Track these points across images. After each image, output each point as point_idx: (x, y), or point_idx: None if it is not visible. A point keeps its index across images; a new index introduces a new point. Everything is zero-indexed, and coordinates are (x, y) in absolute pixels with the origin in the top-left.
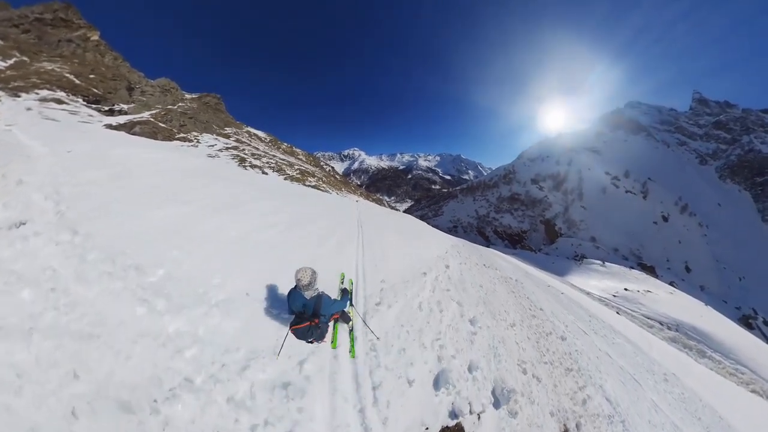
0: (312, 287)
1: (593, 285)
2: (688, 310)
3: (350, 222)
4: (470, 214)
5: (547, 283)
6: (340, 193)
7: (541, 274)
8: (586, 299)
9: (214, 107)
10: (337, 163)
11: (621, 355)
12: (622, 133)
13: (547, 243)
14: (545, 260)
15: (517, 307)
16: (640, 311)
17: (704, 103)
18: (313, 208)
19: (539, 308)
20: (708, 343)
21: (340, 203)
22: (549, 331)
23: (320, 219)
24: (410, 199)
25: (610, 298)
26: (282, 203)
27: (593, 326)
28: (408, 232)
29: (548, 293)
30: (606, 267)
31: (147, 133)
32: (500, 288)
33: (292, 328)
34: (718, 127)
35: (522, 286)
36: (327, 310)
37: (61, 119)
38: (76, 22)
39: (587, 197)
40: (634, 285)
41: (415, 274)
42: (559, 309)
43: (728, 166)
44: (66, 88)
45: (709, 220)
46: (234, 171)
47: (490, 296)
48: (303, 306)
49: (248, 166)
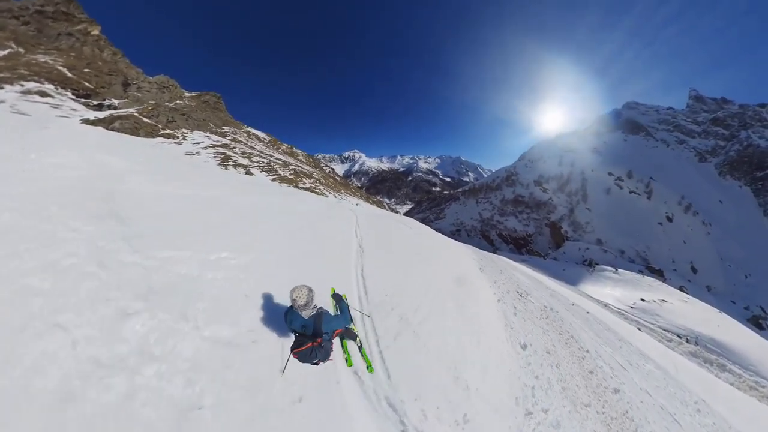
0: (310, 306)
1: (608, 294)
2: (705, 319)
3: (345, 243)
4: (473, 217)
5: (570, 299)
6: (339, 195)
7: (558, 286)
8: (609, 315)
9: (213, 106)
10: (338, 165)
11: (657, 389)
12: (621, 133)
13: (553, 247)
14: (556, 267)
15: (573, 360)
16: (657, 323)
17: (701, 100)
18: (290, 219)
19: (586, 350)
20: (727, 356)
21: (332, 210)
22: (605, 386)
23: (296, 240)
24: (410, 201)
25: (628, 310)
26: (249, 222)
27: (625, 353)
28: (439, 261)
29: (578, 317)
30: (619, 274)
31: (128, 128)
32: (559, 346)
33: (294, 351)
34: (715, 123)
35: (561, 319)
36: (329, 327)
37: (35, 113)
38: (77, 16)
39: (592, 199)
40: (649, 294)
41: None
42: (596, 341)
43: (727, 163)
44: (55, 80)
45: (711, 217)
46: (202, 169)
47: (560, 363)
48: (302, 327)
49: (232, 165)
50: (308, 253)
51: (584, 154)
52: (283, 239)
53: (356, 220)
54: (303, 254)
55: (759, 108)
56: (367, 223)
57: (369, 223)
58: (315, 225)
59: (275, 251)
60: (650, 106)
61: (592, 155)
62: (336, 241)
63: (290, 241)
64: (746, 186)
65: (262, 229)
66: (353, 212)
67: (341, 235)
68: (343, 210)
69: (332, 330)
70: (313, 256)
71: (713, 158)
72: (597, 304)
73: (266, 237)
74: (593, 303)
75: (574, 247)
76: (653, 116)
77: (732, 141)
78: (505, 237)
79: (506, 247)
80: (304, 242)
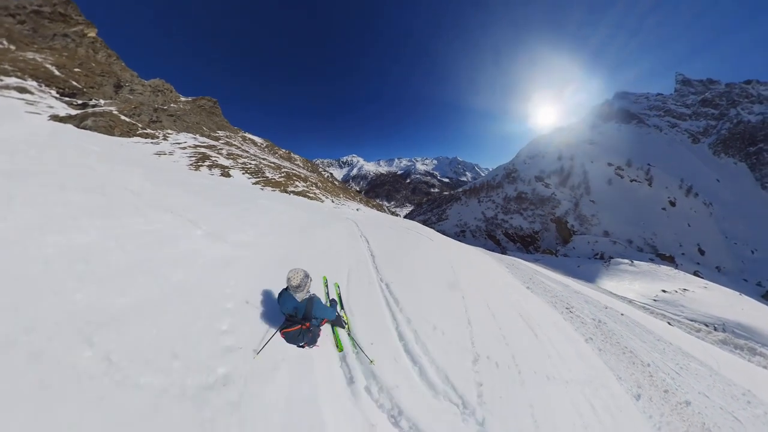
0: (303, 289)
1: (627, 288)
2: (728, 305)
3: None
4: (477, 217)
5: (600, 301)
6: (338, 199)
7: (581, 286)
8: (638, 313)
9: (208, 111)
10: (336, 170)
11: (710, 389)
12: (614, 123)
13: (561, 242)
14: (570, 264)
15: (651, 386)
16: (683, 314)
17: (688, 83)
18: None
19: (647, 364)
20: (755, 339)
21: (323, 219)
22: (678, 401)
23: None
24: (410, 203)
25: (652, 304)
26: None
27: (670, 356)
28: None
29: (619, 322)
30: (635, 266)
31: (101, 127)
32: (639, 374)
33: (282, 331)
34: (704, 104)
35: (612, 332)
36: (319, 313)
37: (1, 108)
38: (74, 18)
39: (594, 191)
40: (668, 284)
41: None
42: (645, 349)
43: (720, 141)
44: (40, 78)
45: (711, 197)
46: (155, 172)
47: (651, 397)
48: (294, 309)
49: (208, 166)
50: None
51: (582, 147)
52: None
53: (359, 232)
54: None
55: (745, 85)
56: (374, 235)
57: (377, 237)
58: (287, 258)
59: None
60: (640, 94)
61: (589, 147)
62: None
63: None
64: (741, 162)
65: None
66: (355, 223)
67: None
68: (338, 222)
69: (321, 317)
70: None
71: (706, 138)
72: (621, 301)
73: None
74: (618, 300)
75: (582, 241)
76: (644, 104)
77: (722, 120)
78: (512, 236)
79: (513, 246)
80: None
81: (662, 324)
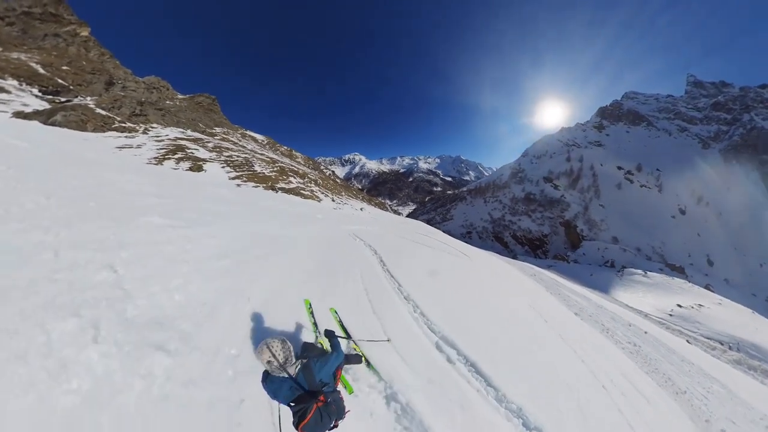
0: (291, 361)
1: (641, 300)
2: (741, 323)
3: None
4: (484, 218)
5: (625, 319)
6: (340, 198)
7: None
8: (657, 329)
9: (206, 107)
10: (338, 168)
11: (733, 414)
12: (623, 124)
13: (569, 247)
14: (583, 272)
15: (696, 419)
16: (699, 331)
17: (699, 85)
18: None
19: (683, 391)
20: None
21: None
22: (716, 430)
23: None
24: (412, 202)
25: (668, 318)
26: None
27: (696, 378)
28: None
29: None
30: (649, 277)
31: (72, 122)
32: (686, 407)
33: (299, 427)
34: (716, 108)
35: (648, 357)
36: (326, 373)
37: None
38: (66, 18)
39: (604, 195)
40: (683, 298)
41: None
42: (675, 372)
43: (732, 147)
44: (23, 76)
45: (719, 206)
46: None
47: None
48: (293, 389)
49: (177, 159)
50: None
51: (590, 148)
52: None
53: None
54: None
55: (760, 89)
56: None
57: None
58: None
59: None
60: (649, 95)
61: (598, 149)
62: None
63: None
64: (753, 171)
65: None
66: (360, 240)
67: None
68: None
69: (332, 374)
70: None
71: (717, 144)
72: (638, 315)
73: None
74: (637, 315)
75: (592, 247)
76: (653, 105)
77: (735, 125)
78: (520, 238)
79: (522, 250)
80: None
81: (682, 342)
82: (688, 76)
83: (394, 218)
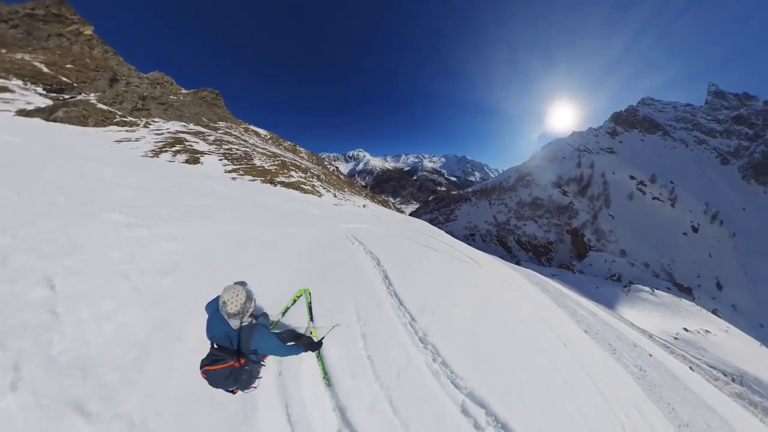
0: (243, 317)
1: (646, 319)
2: (748, 355)
3: None
4: (488, 221)
5: (630, 338)
6: (342, 194)
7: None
8: (661, 352)
9: (210, 102)
10: (342, 164)
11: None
12: (637, 132)
13: (575, 256)
14: (588, 285)
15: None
16: (703, 358)
17: (721, 95)
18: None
19: (686, 424)
20: None
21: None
22: None
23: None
24: (415, 200)
25: (673, 342)
26: None
27: (697, 410)
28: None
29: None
30: (656, 296)
31: (74, 117)
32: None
33: (204, 368)
34: (738, 122)
35: (655, 384)
36: (261, 346)
37: None
38: (69, 18)
39: (614, 204)
40: (689, 322)
41: None
42: (678, 401)
43: (752, 165)
44: (27, 76)
45: (734, 226)
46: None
47: None
48: (226, 336)
49: (175, 151)
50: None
51: (602, 155)
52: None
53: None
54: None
55: None
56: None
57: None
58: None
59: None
60: (667, 102)
61: (610, 156)
62: None
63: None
64: None
65: None
66: (360, 244)
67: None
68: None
69: (264, 353)
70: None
71: (736, 160)
72: (643, 335)
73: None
74: (642, 335)
75: (599, 259)
76: (671, 113)
77: (757, 141)
78: (524, 244)
79: (525, 256)
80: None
81: (685, 368)
82: (710, 85)
83: (397, 216)
